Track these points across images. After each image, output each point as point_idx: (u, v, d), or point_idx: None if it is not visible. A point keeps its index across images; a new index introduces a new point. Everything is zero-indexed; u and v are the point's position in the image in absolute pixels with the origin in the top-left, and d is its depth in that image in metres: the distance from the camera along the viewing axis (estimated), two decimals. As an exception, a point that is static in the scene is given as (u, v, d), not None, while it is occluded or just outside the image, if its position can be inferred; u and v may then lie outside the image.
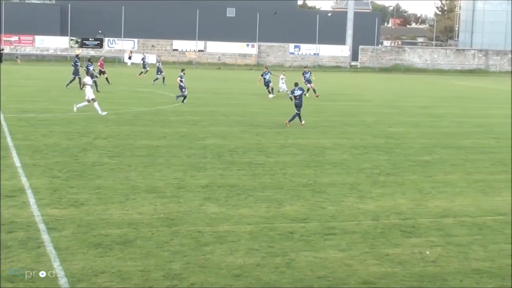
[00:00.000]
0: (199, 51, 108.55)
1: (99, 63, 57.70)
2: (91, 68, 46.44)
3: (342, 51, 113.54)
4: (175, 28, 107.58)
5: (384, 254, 13.16)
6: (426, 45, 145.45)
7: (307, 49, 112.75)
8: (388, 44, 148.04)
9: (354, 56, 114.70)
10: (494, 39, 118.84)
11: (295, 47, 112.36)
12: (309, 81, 49.83)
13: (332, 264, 12.46)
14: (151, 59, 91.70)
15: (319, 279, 11.73)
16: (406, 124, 35.14)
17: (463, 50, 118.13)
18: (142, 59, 70.84)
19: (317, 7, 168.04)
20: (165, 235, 13.90)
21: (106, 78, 55.37)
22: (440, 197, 18.37)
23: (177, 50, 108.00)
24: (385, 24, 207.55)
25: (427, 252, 13.30)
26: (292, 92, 32.46)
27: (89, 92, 33.82)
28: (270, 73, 49.60)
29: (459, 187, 19.75)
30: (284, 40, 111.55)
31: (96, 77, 48.11)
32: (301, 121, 32.10)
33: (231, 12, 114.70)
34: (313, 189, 18.80)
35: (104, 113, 33.32)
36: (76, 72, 50.20)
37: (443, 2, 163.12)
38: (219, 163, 22.28)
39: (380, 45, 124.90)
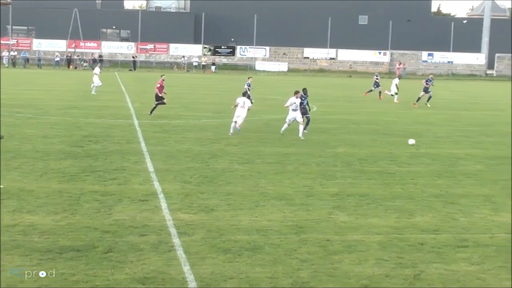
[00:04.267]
0: (330, 59, 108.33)
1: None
2: None
3: (477, 59, 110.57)
4: (306, 36, 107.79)
5: (520, 269, 12.67)
6: None
7: (440, 57, 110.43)
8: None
9: (490, 64, 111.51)
10: None
11: (429, 55, 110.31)
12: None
13: (464, 278, 12.11)
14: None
15: (450, 293, 11.44)
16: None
17: None
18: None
19: (451, 14, 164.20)
20: (293, 242, 13.91)
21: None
22: None
23: (308, 58, 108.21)
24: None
25: None
26: None
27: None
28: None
29: None
30: (417, 48, 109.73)
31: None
32: None
33: (363, 19, 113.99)
34: (445, 200, 18.37)
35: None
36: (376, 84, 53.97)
37: None
38: (349, 171, 22.12)
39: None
